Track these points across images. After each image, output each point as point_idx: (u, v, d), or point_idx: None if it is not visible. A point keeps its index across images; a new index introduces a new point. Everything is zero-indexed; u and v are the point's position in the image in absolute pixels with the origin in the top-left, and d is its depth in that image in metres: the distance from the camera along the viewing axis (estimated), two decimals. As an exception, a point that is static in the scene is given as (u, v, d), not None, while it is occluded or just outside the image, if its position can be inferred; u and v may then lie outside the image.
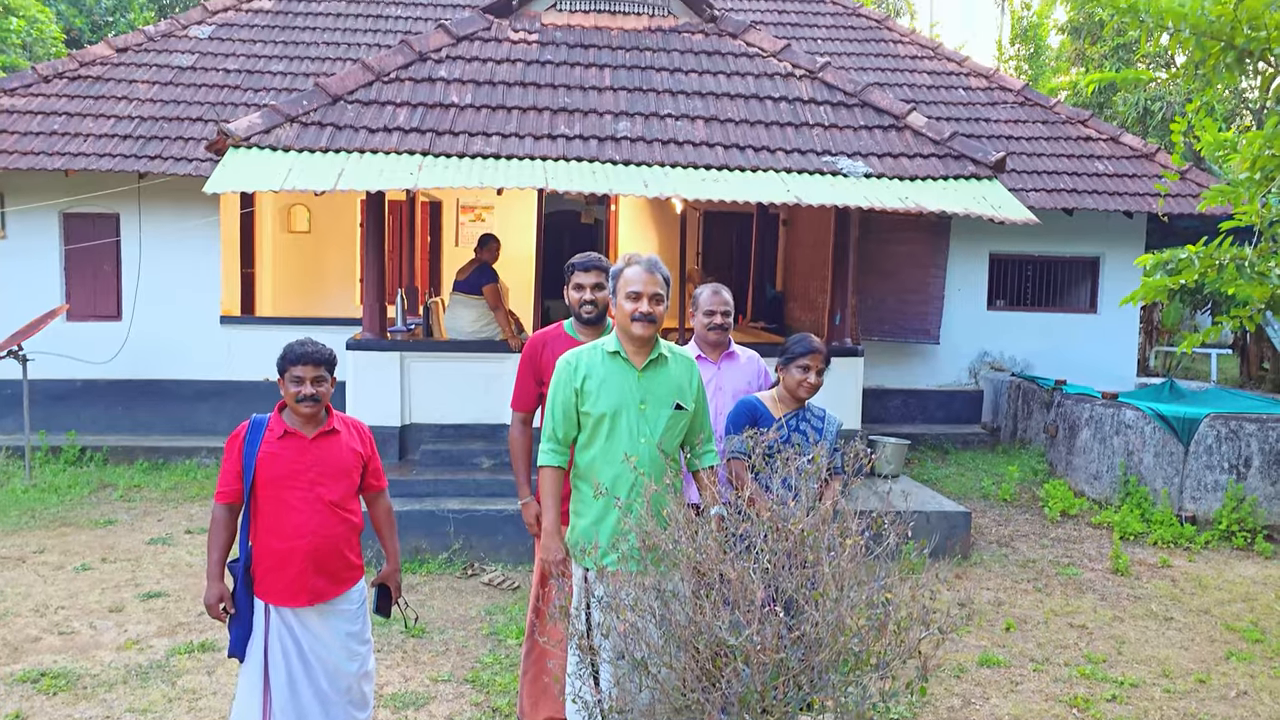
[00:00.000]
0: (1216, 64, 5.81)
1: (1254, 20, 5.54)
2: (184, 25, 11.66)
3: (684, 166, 7.66)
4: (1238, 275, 6.10)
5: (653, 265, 3.60)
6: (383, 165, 7.23)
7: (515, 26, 8.85)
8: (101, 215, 10.30)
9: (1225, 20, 5.64)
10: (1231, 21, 5.62)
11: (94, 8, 20.76)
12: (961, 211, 7.27)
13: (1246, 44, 5.66)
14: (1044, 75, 23.28)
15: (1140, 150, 11.36)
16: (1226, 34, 5.66)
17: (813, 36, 12.75)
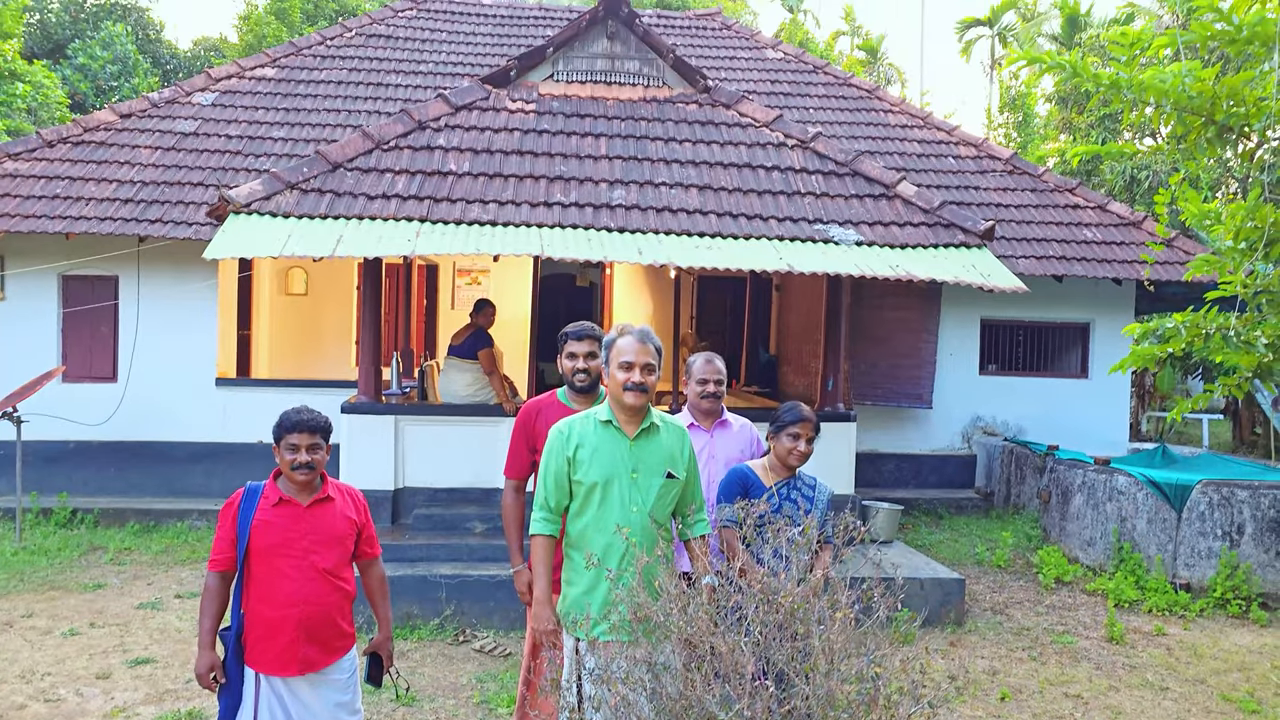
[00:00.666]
0: (1198, 138, 5.94)
1: (1233, 96, 5.68)
2: (188, 92, 11.86)
3: (678, 234, 7.77)
4: (1224, 344, 6.18)
5: (644, 336, 3.66)
6: (381, 231, 7.33)
7: (513, 96, 9.03)
8: (101, 277, 10.39)
9: (1205, 96, 5.78)
10: (1211, 97, 5.77)
11: (99, 72, 21.11)
12: (951, 280, 7.37)
13: (1226, 119, 5.80)
14: (1033, 143, 23.66)
15: (1127, 218, 11.54)
16: (1207, 109, 5.80)
17: (805, 105, 13.00)
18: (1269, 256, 6.09)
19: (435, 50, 13.40)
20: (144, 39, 25.02)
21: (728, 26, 15.00)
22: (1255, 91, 5.56)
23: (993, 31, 38.23)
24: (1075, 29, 24.84)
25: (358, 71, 12.71)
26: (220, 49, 25.60)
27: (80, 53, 21.29)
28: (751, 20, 34.68)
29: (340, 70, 12.69)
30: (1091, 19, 24.95)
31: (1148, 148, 13.84)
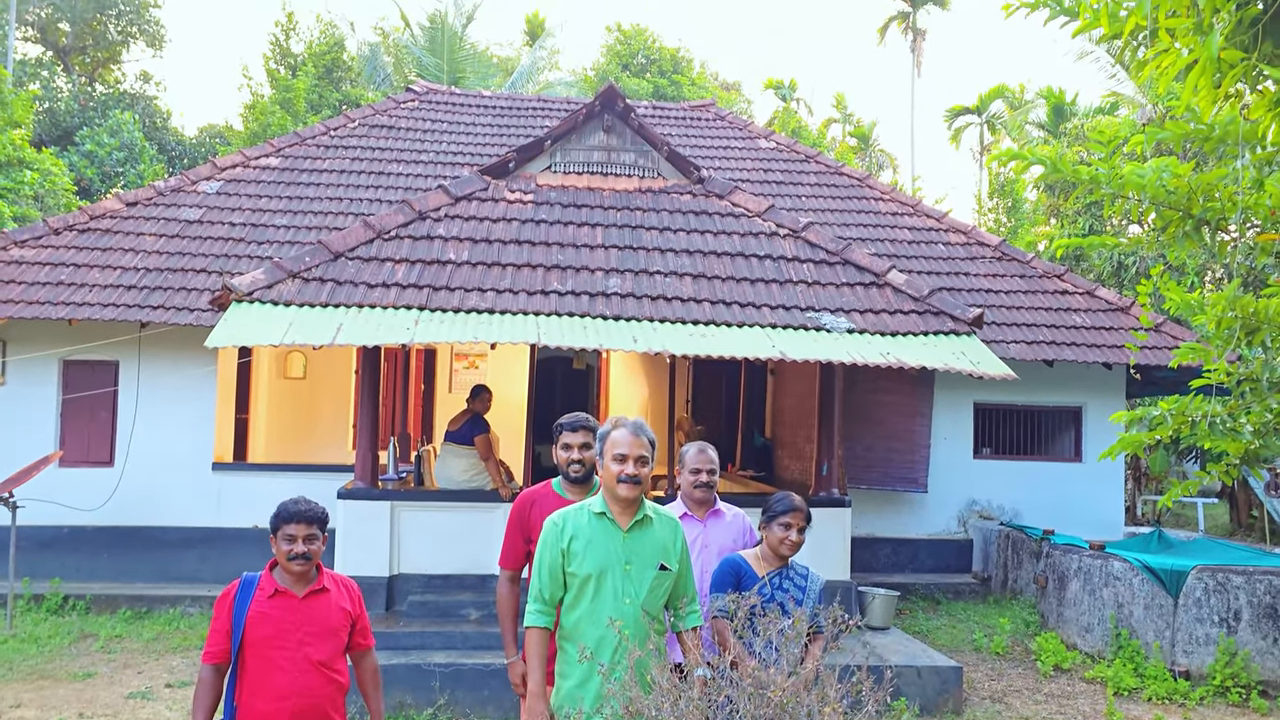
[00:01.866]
0: (1176, 231, 6.11)
1: (1209, 192, 5.86)
2: (193, 181, 12.13)
3: (672, 322, 7.90)
4: (1211, 431, 6.26)
5: (638, 428, 3.74)
6: (380, 320, 7.46)
7: (511, 187, 9.25)
8: (101, 362, 10.49)
9: (1182, 191, 5.96)
10: (1188, 192, 5.95)
11: (105, 159, 21.54)
12: (941, 367, 7.48)
13: (1203, 213, 5.98)
14: (1023, 227, 24.08)
15: (1116, 304, 11.73)
16: (1184, 204, 5.98)
17: (797, 194, 13.28)
18: (1250, 344, 6.21)
19: (436, 140, 13.72)
20: (151, 126, 25.61)
21: (721, 117, 15.39)
22: (1229, 188, 5.74)
23: (981, 119, 39.17)
24: (1061, 117, 25.48)
25: (360, 161, 13.00)
26: (225, 136, 26.19)
27: (88, 140, 21.76)
28: (746, 108, 35.54)
29: (343, 160, 12.98)
30: (1077, 107, 25.59)
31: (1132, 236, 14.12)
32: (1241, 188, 5.61)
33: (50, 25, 27.67)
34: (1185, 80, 4.10)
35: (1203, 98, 4.05)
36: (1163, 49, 4.05)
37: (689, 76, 29.14)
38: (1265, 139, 4.62)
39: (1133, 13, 4.21)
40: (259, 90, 25.01)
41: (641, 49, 29.15)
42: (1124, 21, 4.37)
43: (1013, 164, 7.25)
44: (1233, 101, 4.89)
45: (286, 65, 25.26)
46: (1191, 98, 4.11)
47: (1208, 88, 4.00)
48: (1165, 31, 4.00)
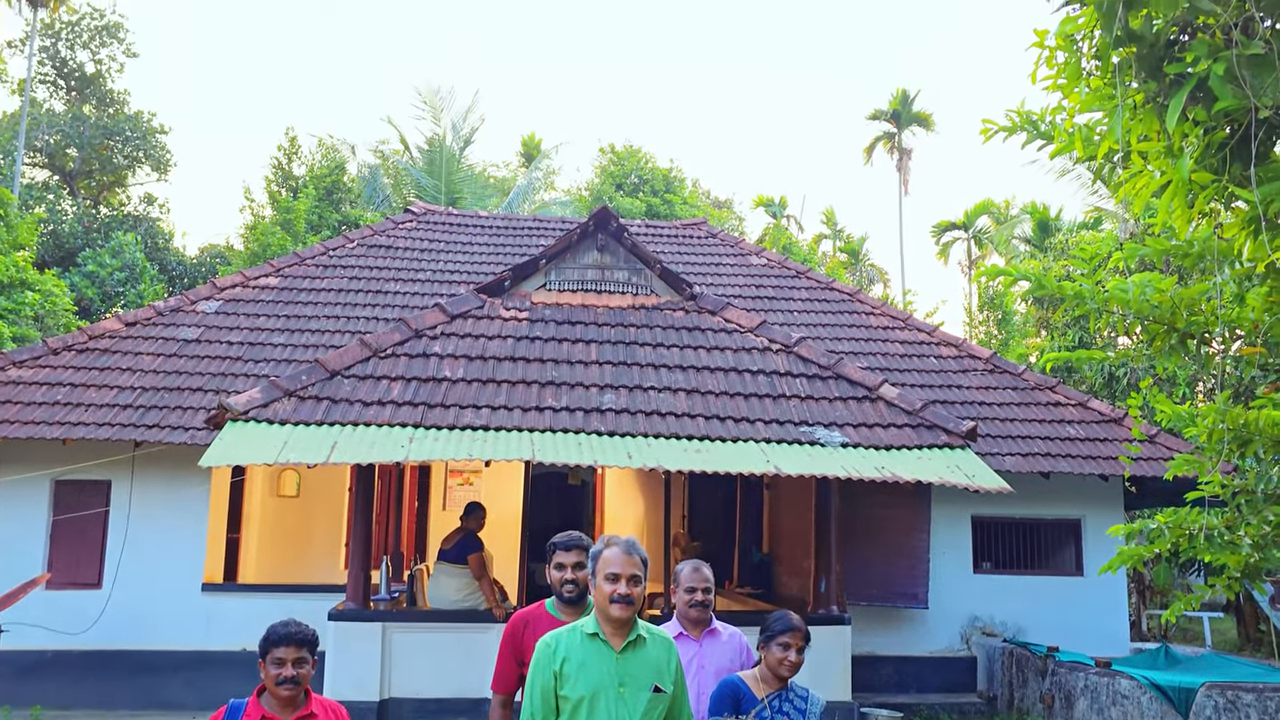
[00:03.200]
0: (1163, 345, 6.20)
1: (1191, 306, 5.98)
2: (193, 301, 12.28)
3: (667, 437, 7.93)
4: (1210, 544, 6.22)
5: (630, 547, 3.71)
6: (375, 438, 7.47)
7: (507, 305, 9.39)
8: (93, 482, 10.42)
9: (1166, 306, 6.07)
10: (1171, 307, 6.06)
11: (106, 279, 21.85)
12: (936, 481, 7.48)
13: (1188, 327, 6.08)
14: (1013, 339, 24.36)
15: (1109, 415, 11.77)
16: (1168, 318, 6.08)
17: (789, 309, 13.45)
18: (1244, 456, 6.22)
19: (433, 260, 13.97)
20: (153, 247, 26.06)
21: (713, 235, 15.71)
22: (1212, 302, 5.86)
23: (968, 235, 40.01)
24: (1046, 232, 26.08)
25: (358, 280, 13.19)
26: (226, 256, 26.62)
27: (90, 260, 22.11)
28: (737, 225, 36.30)
29: (341, 279, 13.17)
30: (1061, 222, 26.22)
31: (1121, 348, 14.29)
32: (1223, 302, 5.73)
33: (59, 151, 28.42)
34: (1160, 200, 4.24)
35: (1178, 217, 4.17)
36: (1136, 171, 4.19)
37: (681, 195, 29.85)
38: (1241, 255, 4.73)
39: (1105, 137, 4.37)
40: (260, 211, 25.56)
41: (635, 169, 29.94)
42: (1097, 145, 4.54)
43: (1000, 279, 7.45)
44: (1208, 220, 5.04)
45: (288, 187, 25.87)
46: (1167, 217, 4.23)
47: (1182, 207, 4.12)
48: (1138, 155, 4.15)
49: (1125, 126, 4.01)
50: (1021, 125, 5.27)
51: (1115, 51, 3.93)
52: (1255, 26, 3.64)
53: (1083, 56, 4.00)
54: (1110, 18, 3.74)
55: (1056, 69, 4.06)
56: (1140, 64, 3.87)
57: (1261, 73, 3.65)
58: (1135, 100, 3.97)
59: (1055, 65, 4.05)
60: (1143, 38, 3.82)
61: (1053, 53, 4.03)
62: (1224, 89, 3.64)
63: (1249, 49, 3.61)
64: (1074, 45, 3.98)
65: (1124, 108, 3.90)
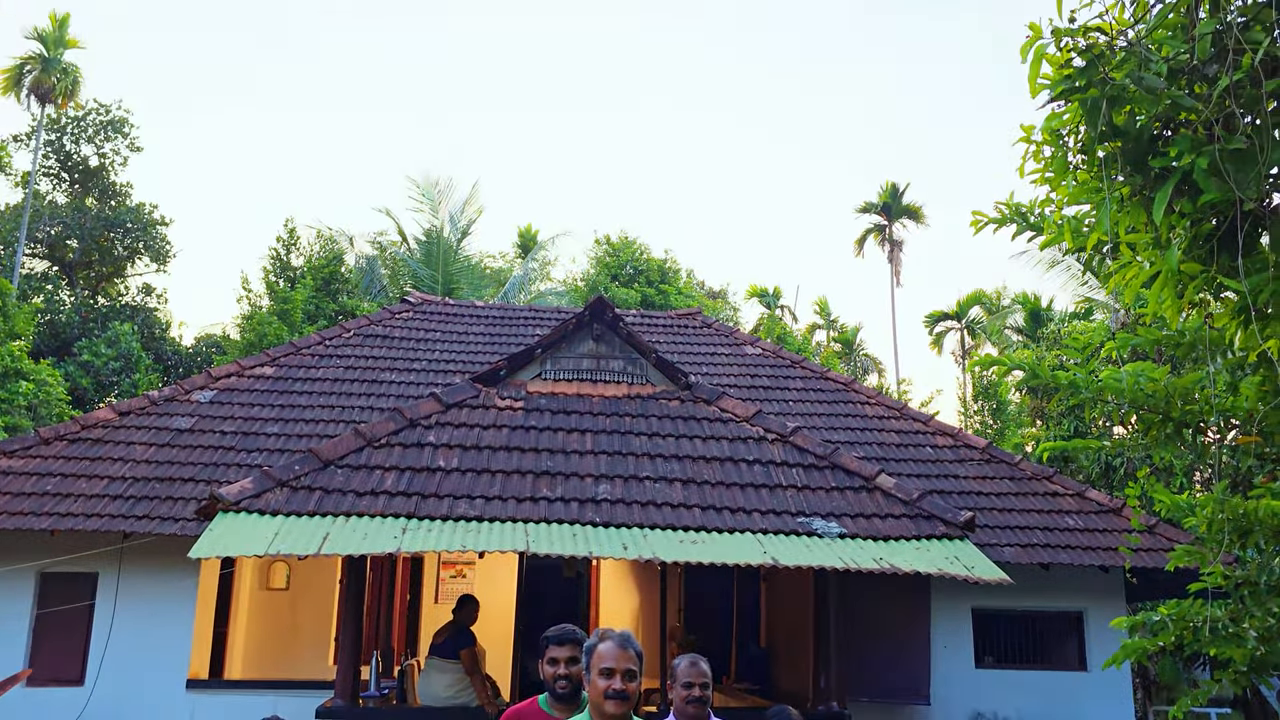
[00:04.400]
0: (1158, 435, 6.20)
1: (1185, 395, 5.99)
2: (187, 390, 12.26)
3: (663, 528, 7.85)
4: (1215, 637, 6.12)
5: (625, 641, 3.64)
6: (368, 529, 7.39)
7: (502, 394, 9.39)
8: (80, 575, 10.25)
9: (1160, 395, 6.09)
10: (1166, 396, 6.08)
11: (101, 369, 21.86)
12: (935, 572, 7.39)
13: (1182, 417, 6.08)
14: (1008, 429, 24.35)
15: (1107, 505, 11.69)
16: (1163, 407, 6.09)
17: (784, 399, 13.45)
18: (1244, 546, 6.17)
19: (430, 349, 14.01)
20: (149, 337, 26.16)
21: (708, 325, 15.81)
22: (1206, 391, 5.88)
23: (960, 324, 40.35)
24: (1038, 322, 26.30)
25: (354, 370, 13.20)
26: (222, 346, 26.69)
27: (85, 350, 22.17)
28: (732, 315, 36.57)
29: (337, 369, 13.18)
30: (1052, 312, 26.46)
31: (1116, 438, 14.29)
32: (1217, 391, 5.75)
33: (59, 242, 28.73)
34: (1150, 290, 4.29)
35: (1168, 307, 4.21)
36: (1126, 262, 4.24)
37: (676, 285, 30.14)
38: (1233, 345, 4.77)
39: (1094, 229, 4.44)
40: (257, 301, 25.73)
41: (630, 259, 30.28)
42: (1086, 237, 4.61)
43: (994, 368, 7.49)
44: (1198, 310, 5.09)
45: (286, 277, 26.10)
46: (1157, 307, 4.27)
47: (1171, 297, 4.17)
48: (1126, 246, 4.21)
49: (1113, 219, 4.08)
50: (1011, 217, 5.36)
51: (1100, 146, 4.01)
52: (1236, 122, 3.73)
53: (1069, 151, 4.09)
54: (1094, 114, 3.83)
55: (1043, 163, 4.14)
56: (1125, 158, 3.95)
57: (1244, 166, 3.72)
58: (1122, 193, 4.04)
59: (1042, 159, 4.14)
60: (1127, 133, 3.91)
61: (1039, 147, 4.12)
62: (1208, 182, 3.71)
63: (1231, 143, 3.69)
64: (1060, 140, 4.07)
65: (1111, 200, 3.96)
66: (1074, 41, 3.87)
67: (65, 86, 30.41)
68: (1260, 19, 3.78)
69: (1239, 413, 5.86)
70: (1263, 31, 3.67)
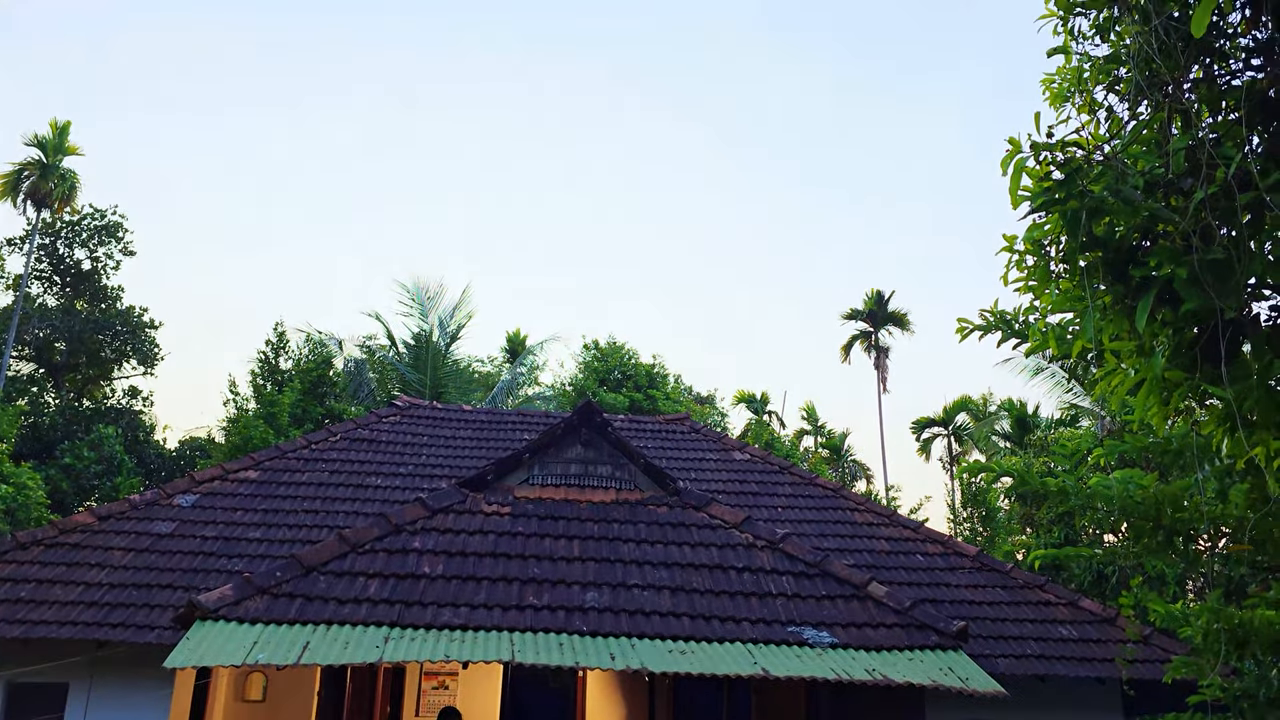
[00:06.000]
0: (1150, 543, 6.17)
1: (1175, 503, 5.99)
2: (169, 494, 12.10)
3: (651, 637, 7.70)
4: (1216, 752, 6.00)
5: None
6: (350, 637, 7.22)
7: (489, 499, 9.31)
8: (50, 685, 9.93)
9: (1150, 502, 6.09)
10: (1156, 503, 6.08)
11: (83, 472, 21.61)
12: (929, 684, 7.24)
13: (1173, 524, 6.07)
14: (998, 535, 24.15)
15: (1100, 614, 11.53)
16: (1153, 514, 6.08)
17: (773, 504, 13.36)
18: (1241, 658, 6.09)
19: (416, 453, 13.92)
20: (133, 440, 25.94)
21: (696, 430, 15.80)
22: (1196, 499, 5.88)
23: (947, 431, 40.44)
24: (1024, 429, 26.36)
25: (339, 474, 13.07)
26: (206, 449, 26.47)
27: (68, 453, 21.94)
28: (719, 420, 36.58)
29: (322, 473, 13.05)
30: (1039, 418, 26.55)
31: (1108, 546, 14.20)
32: (1206, 499, 5.75)
33: (47, 345, 28.72)
34: (1136, 397, 4.33)
35: (1154, 414, 4.24)
36: (1110, 370, 4.29)
37: (664, 390, 30.22)
38: (1220, 451, 4.79)
39: (1078, 336, 4.51)
40: (244, 404, 25.62)
41: (618, 365, 30.42)
42: (1070, 344, 4.67)
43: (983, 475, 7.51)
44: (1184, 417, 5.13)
45: (273, 380, 26.06)
46: (1143, 413, 4.30)
47: (1157, 404, 4.20)
48: (1111, 353, 4.27)
49: (1096, 326, 4.14)
50: (996, 324, 5.43)
51: (1082, 255, 4.10)
52: (1213, 233, 3.82)
53: (1051, 260, 4.18)
54: (1074, 224, 3.93)
55: (1026, 271, 4.23)
56: (1106, 267, 4.03)
57: (1223, 276, 3.80)
58: (1104, 301, 4.11)
59: (1025, 268, 4.22)
60: (1107, 243, 4.00)
61: (1022, 256, 4.21)
62: (1189, 292, 3.79)
63: (1209, 254, 3.78)
64: (1042, 250, 4.16)
65: (1094, 309, 4.03)
66: (1052, 155, 4.00)
67: (62, 192, 30.85)
68: (1231, 135, 3.92)
69: (1229, 520, 5.86)
70: (1234, 147, 3.80)
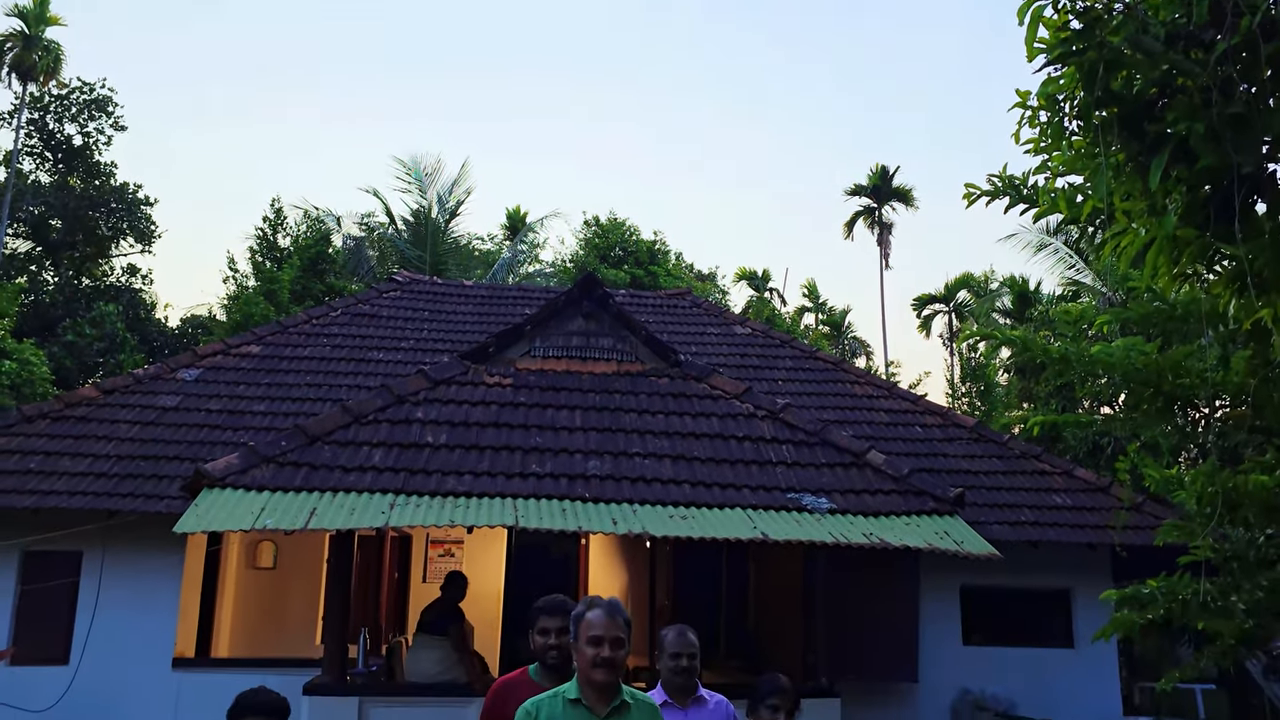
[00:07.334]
0: (1149, 409, 6.19)
1: (1177, 369, 5.98)
2: (172, 369, 12.15)
3: (652, 504, 7.82)
4: (1204, 610, 6.14)
5: (613, 609, 3.61)
6: (355, 504, 7.33)
7: (491, 371, 9.33)
8: (64, 553, 10.16)
9: (1151, 369, 6.08)
10: (1157, 370, 6.07)
11: (86, 350, 21.67)
12: (925, 547, 7.38)
13: (1173, 390, 6.07)
14: (996, 410, 24.38)
15: (1095, 484, 11.71)
16: (1154, 381, 6.08)
17: (773, 378, 13.42)
18: (1233, 521, 6.17)
19: (417, 328, 13.92)
20: (134, 318, 25.93)
21: (697, 305, 15.76)
22: (1198, 364, 5.86)
23: (948, 308, 40.36)
24: (1026, 304, 26.29)
25: (341, 348, 13.11)
26: (208, 327, 26.50)
27: (69, 331, 21.95)
28: (721, 298, 36.49)
29: (324, 347, 13.08)
30: (1040, 294, 26.45)
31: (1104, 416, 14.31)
32: (1208, 364, 5.73)
33: (42, 222, 28.42)
34: (1144, 260, 4.25)
35: (1162, 275, 4.17)
36: (1120, 230, 4.20)
37: (665, 267, 30.04)
38: (1227, 315, 4.75)
39: (1089, 198, 4.40)
40: (244, 281, 25.53)
41: (619, 241, 30.16)
42: (1081, 207, 4.57)
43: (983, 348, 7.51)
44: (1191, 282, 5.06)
45: (272, 258, 25.89)
46: (1152, 275, 4.23)
47: (1166, 266, 4.13)
48: (1122, 214, 4.17)
49: (1108, 185, 4.03)
50: (1004, 189, 5.30)
51: (1097, 113, 3.97)
52: (1234, 87, 3.68)
53: (1065, 117, 4.04)
54: (1091, 78, 3.78)
55: (1039, 129, 4.09)
56: (1122, 124, 3.90)
57: (1242, 132, 3.68)
58: (1118, 159, 4.00)
59: (1038, 125, 4.09)
60: (1124, 98, 3.86)
61: (1035, 113, 4.07)
62: (1206, 147, 3.67)
63: (1229, 108, 3.65)
64: (1056, 105, 4.02)
65: (1107, 166, 3.92)
66: (1071, 4, 3.83)
67: (47, 64, 30.04)
68: (1259, -18, 3.73)
69: (1229, 386, 5.86)
70: (1261, -6, 3.62)
